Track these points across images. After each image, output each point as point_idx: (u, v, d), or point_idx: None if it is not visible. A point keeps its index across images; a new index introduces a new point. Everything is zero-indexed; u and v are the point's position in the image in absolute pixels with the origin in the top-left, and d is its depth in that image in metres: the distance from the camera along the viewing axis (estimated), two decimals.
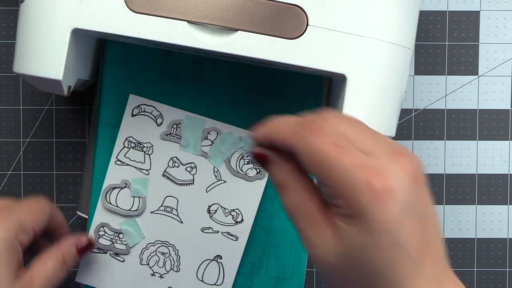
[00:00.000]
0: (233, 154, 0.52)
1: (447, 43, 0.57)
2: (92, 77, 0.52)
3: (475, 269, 0.58)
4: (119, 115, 0.52)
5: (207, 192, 0.52)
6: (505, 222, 0.58)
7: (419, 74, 0.58)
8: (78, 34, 0.45)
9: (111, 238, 0.53)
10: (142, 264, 0.53)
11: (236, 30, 0.44)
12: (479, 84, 0.58)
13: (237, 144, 0.52)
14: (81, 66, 0.49)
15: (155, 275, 0.53)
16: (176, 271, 0.53)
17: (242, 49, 0.44)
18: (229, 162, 0.52)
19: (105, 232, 0.53)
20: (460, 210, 0.58)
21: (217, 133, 0.52)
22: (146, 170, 0.52)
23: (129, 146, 0.52)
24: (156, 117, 0.52)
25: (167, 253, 0.53)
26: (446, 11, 0.57)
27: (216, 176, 0.52)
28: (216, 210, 0.52)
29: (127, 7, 0.44)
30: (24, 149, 0.57)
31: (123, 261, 0.53)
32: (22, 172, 0.57)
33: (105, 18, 0.44)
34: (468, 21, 0.57)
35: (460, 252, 0.58)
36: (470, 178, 0.58)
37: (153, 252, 0.53)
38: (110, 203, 0.52)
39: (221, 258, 0.53)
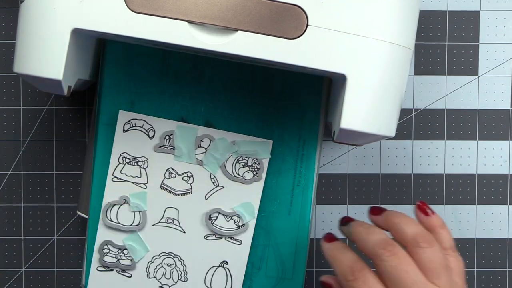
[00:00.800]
0: (228, 159, 0.52)
1: (447, 43, 0.57)
2: (92, 77, 0.52)
3: (475, 269, 0.58)
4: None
5: (206, 199, 0.52)
6: (505, 222, 0.58)
7: (419, 74, 0.58)
8: (78, 34, 0.45)
9: (116, 255, 0.53)
10: (149, 278, 0.53)
11: (236, 30, 0.44)
12: (479, 84, 0.58)
13: (230, 149, 0.52)
14: (81, 66, 0.49)
15: (163, 287, 0.53)
16: (184, 281, 0.53)
17: (242, 49, 0.44)
18: (225, 167, 0.52)
19: (109, 249, 0.53)
20: (460, 210, 0.58)
21: (210, 140, 0.52)
22: (144, 184, 0.52)
23: (124, 162, 0.52)
24: (148, 130, 0.52)
25: (173, 264, 0.53)
26: (446, 11, 0.57)
27: (213, 183, 0.52)
28: (217, 217, 0.52)
29: (127, 7, 0.44)
30: (24, 149, 0.57)
31: (130, 277, 0.53)
32: (22, 172, 0.57)
33: (105, 18, 0.44)
34: (468, 21, 0.57)
35: (460, 252, 0.58)
36: (470, 178, 0.58)
37: (159, 264, 0.53)
38: (111, 220, 0.52)
39: (227, 263, 0.53)
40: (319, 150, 0.53)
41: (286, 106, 0.52)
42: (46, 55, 0.45)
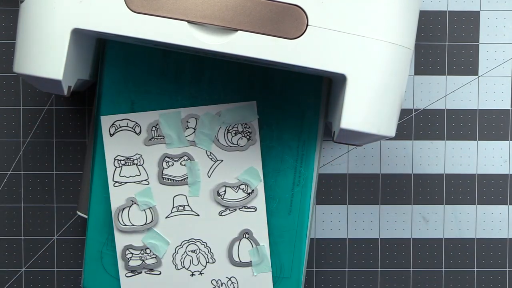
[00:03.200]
0: (218, 131, 0.52)
1: (447, 43, 0.57)
2: (92, 77, 0.52)
3: (475, 269, 0.58)
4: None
5: (209, 177, 0.52)
6: (505, 222, 0.58)
7: (419, 74, 0.58)
8: (78, 34, 0.45)
9: (139, 257, 0.53)
10: (178, 269, 0.53)
11: (236, 30, 0.44)
12: (479, 84, 0.58)
13: (217, 121, 0.52)
14: (81, 66, 0.49)
15: (195, 274, 0.53)
16: (213, 263, 0.53)
17: (242, 49, 0.44)
18: (218, 140, 0.52)
19: (131, 253, 0.53)
20: (460, 210, 0.58)
21: (196, 118, 0.52)
22: (145, 180, 0.52)
23: (120, 165, 0.52)
24: (133, 127, 0.52)
25: (197, 250, 0.53)
26: (446, 11, 0.57)
27: (211, 159, 0.52)
28: (225, 191, 0.52)
29: (127, 7, 0.44)
30: (24, 149, 0.57)
31: (160, 274, 0.53)
32: (22, 172, 0.57)
33: (105, 18, 0.44)
34: (468, 21, 0.57)
35: (460, 252, 0.58)
36: (470, 178, 0.58)
37: (183, 253, 0.53)
38: (125, 225, 0.52)
39: (248, 233, 0.53)
40: (319, 150, 0.53)
41: (286, 106, 0.52)
42: (46, 55, 0.45)
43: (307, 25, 0.44)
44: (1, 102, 0.57)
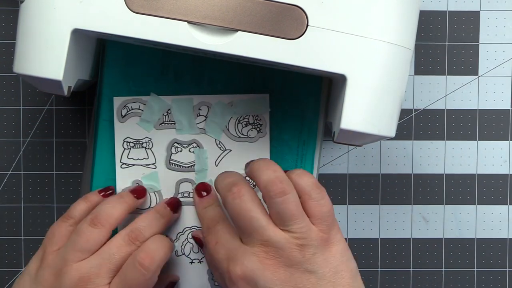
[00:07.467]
0: (229, 121, 0.52)
1: (447, 43, 0.57)
2: (92, 77, 0.52)
3: (475, 269, 0.58)
4: None
5: (216, 165, 0.52)
6: (505, 222, 0.58)
7: (419, 74, 0.58)
8: (78, 34, 0.45)
9: None
10: (178, 256, 0.53)
11: (236, 30, 0.44)
12: (479, 84, 0.58)
13: (229, 111, 0.52)
14: (81, 66, 0.49)
15: (194, 262, 0.53)
16: None
17: (242, 49, 0.44)
18: (228, 130, 0.52)
19: None
20: (460, 210, 0.58)
21: (208, 107, 0.52)
22: (153, 164, 0.53)
23: (129, 147, 0.52)
24: None
25: None
26: (446, 11, 0.57)
27: (220, 148, 0.52)
28: None
29: (127, 7, 0.44)
30: (24, 149, 0.57)
31: None
32: (22, 172, 0.57)
33: (105, 18, 0.44)
34: (468, 21, 0.57)
35: (460, 252, 0.58)
36: (470, 178, 0.58)
37: (184, 240, 0.53)
38: None
39: None
40: (319, 150, 0.53)
41: (286, 106, 0.52)
42: (46, 55, 0.45)
43: (307, 25, 0.44)
44: (1, 102, 0.57)
